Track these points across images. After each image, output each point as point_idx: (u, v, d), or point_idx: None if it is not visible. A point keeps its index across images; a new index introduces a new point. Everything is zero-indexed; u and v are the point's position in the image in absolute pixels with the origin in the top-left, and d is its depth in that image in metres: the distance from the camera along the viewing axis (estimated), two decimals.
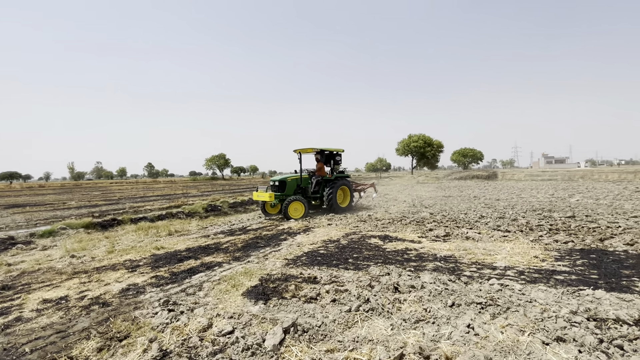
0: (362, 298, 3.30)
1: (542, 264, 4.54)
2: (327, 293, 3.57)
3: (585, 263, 4.54)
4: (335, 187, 10.22)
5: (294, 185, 9.95)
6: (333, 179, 10.60)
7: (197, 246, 6.33)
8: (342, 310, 3.07)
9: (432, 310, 3.04)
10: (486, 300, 3.23)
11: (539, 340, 2.48)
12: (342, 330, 2.78)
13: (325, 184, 10.50)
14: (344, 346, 2.50)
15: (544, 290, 3.52)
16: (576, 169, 43.48)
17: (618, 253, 4.98)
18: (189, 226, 8.68)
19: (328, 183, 10.48)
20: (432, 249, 5.57)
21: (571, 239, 5.86)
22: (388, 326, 2.81)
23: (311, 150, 10.45)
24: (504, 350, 2.37)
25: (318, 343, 2.61)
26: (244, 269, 4.63)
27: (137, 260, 5.36)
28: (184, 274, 4.59)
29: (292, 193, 9.83)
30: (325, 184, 10.52)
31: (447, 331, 2.66)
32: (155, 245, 6.25)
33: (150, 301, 3.58)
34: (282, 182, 9.71)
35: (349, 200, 11.10)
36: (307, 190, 10.39)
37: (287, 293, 3.68)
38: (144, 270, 4.83)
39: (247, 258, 5.38)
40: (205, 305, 3.41)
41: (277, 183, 9.73)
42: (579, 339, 2.46)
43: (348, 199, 11.11)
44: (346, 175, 11.23)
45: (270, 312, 3.18)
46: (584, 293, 3.39)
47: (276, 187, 9.73)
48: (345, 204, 10.98)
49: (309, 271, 4.45)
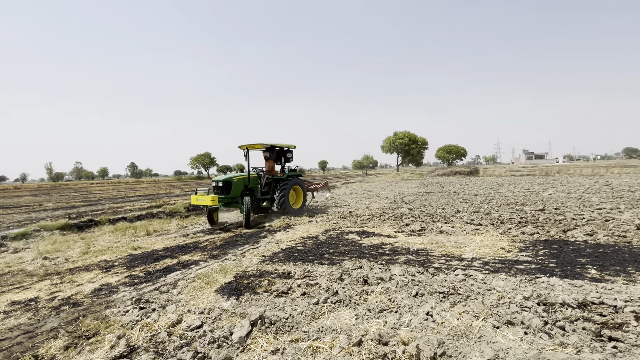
0: (331, 291, 3.42)
1: (507, 255, 4.78)
2: (298, 287, 3.66)
3: (546, 253, 4.80)
4: (287, 187, 9.30)
5: (241, 185, 8.73)
6: (285, 178, 9.61)
7: (175, 245, 6.31)
8: (310, 303, 3.17)
9: (396, 300, 3.18)
10: (448, 290, 3.39)
11: (490, 325, 2.65)
12: (308, 322, 2.88)
13: (277, 184, 9.50)
14: (309, 336, 2.61)
15: (504, 279, 3.73)
16: (554, 164, 45.05)
17: (578, 243, 5.28)
18: (168, 226, 8.62)
19: (279, 183, 9.47)
20: (407, 243, 5.75)
21: (537, 230, 6.15)
22: (353, 316, 2.93)
23: (260, 147, 9.29)
24: (457, 335, 2.52)
25: (284, 334, 2.70)
26: (220, 267, 4.67)
27: (112, 261, 5.32)
28: (159, 272, 4.60)
29: (238, 195, 8.65)
30: (276, 183, 9.53)
31: (407, 319, 2.80)
32: (132, 246, 6.21)
33: (122, 300, 3.60)
34: (227, 182, 8.49)
35: (302, 201, 10.21)
36: (255, 191, 9.27)
37: (259, 288, 3.76)
38: (118, 270, 4.80)
39: (224, 256, 5.42)
40: (177, 302, 3.46)
41: (221, 184, 8.51)
42: (526, 322, 2.64)
43: (301, 199, 10.21)
44: (299, 174, 10.38)
45: (241, 306, 3.25)
46: (540, 280, 3.62)
47: (220, 189, 8.50)
48: (298, 205, 10.06)
49: (284, 267, 4.54)
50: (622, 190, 12.55)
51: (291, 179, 9.73)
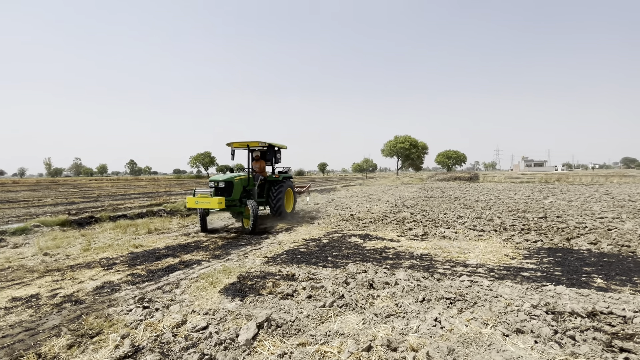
0: (337, 294, 3.38)
1: (511, 262, 4.75)
2: (303, 290, 3.63)
3: (551, 261, 4.78)
4: (283, 190, 8.78)
5: (241, 187, 7.88)
6: (280, 180, 9.04)
7: (177, 244, 6.27)
8: (316, 306, 3.14)
9: (403, 306, 3.15)
10: (455, 296, 3.37)
11: (500, 332, 2.63)
12: (315, 325, 2.85)
13: (270, 186, 8.92)
14: (316, 340, 2.58)
15: (510, 286, 3.70)
16: (553, 172, 45.12)
17: (582, 252, 5.26)
18: (169, 224, 8.57)
19: (274, 185, 8.90)
20: (410, 247, 5.72)
21: (540, 238, 6.14)
22: (360, 321, 2.90)
23: (257, 144, 8.31)
24: (466, 342, 2.49)
25: (291, 337, 2.67)
26: (223, 267, 4.64)
27: (114, 259, 5.27)
28: (162, 271, 4.56)
29: (238, 197, 7.78)
30: (270, 186, 8.96)
31: (416, 325, 2.77)
32: (134, 244, 6.16)
33: (125, 299, 3.56)
34: (229, 183, 7.58)
35: (292, 204, 9.83)
36: (252, 194, 8.31)
37: (264, 290, 3.72)
38: (120, 268, 4.76)
39: (227, 256, 5.38)
40: (181, 302, 3.42)
41: (222, 184, 7.56)
42: (536, 330, 2.62)
43: (292, 202, 9.81)
44: (290, 176, 9.81)
45: (246, 308, 3.22)
46: (547, 289, 3.59)
47: (220, 190, 7.56)
48: (290, 208, 9.61)
49: (287, 269, 4.51)
50: (622, 199, 12.57)
51: (285, 181, 9.18)
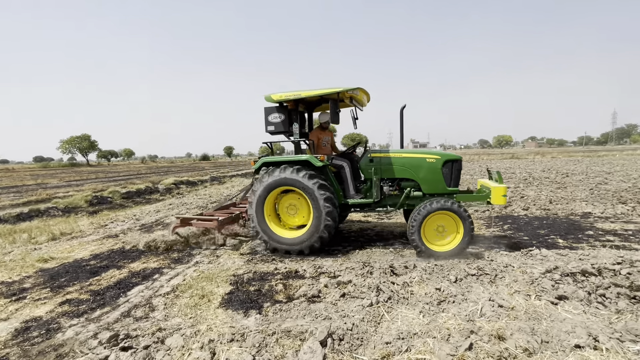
0: (372, 288, 3.00)
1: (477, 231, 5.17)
2: (325, 287, 3.13)
3: (510, 227, 5.38)
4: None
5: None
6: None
7: (107, 251, 4.78)
8: (363, 306, 2.70)
9: (443, 289, 2.99)
10: (477, 271, 3.39)
11: (547, 302, 2.70)
12: (374, 329, 2.43)
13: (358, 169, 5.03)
14: (397, 348, 2.16)
15: (506, 254, 3.96)
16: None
17: (521, 217, 6.12)
18: (78, 225, 6.56)
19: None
20: (382, 224, 5.69)
21: (487, 208, 6.93)
22: (417, 314, 2.60)
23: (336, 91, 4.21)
24: (534, 318, 2.47)
25: (359, 349, 2.20)
26: (199, 274, 3.68)
27: (18, 282, 3.65)
28: (112, 290, 3.34)
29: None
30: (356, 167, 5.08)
31: (474, 308, 2.63)
32: (39, 257, 4.41)
33: (82, 341, 2.42)
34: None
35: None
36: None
37: (277, 295, 3.07)
38: (38, 294, 3.30)
39: (190, 258, 4.35)
40: (177, 329, 2.50)
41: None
42: (573, 294, 2.78)
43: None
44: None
45: (274, 322, 2.54)
46: (535, 253, 3.95)
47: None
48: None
49: (283, 264, 3.87)
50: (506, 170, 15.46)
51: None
